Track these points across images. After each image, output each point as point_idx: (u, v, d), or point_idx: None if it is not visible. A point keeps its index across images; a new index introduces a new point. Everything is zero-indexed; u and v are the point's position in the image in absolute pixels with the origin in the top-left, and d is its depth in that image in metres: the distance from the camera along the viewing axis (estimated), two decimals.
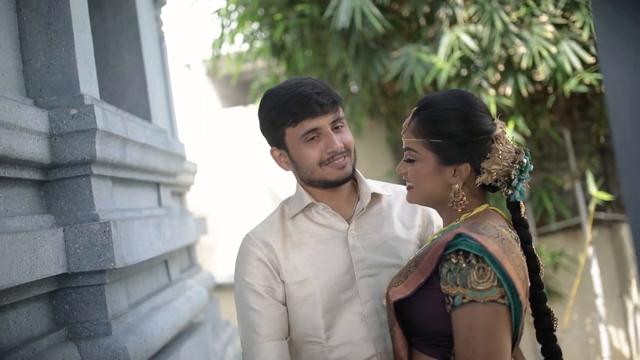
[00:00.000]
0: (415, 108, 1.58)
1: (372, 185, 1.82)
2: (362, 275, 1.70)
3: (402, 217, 1.82)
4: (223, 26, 5.14)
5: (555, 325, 1.57)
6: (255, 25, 5.11)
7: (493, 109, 4.09)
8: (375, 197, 1.80)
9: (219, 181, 6.33)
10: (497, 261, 1.35)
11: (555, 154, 5.16)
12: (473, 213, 1.52)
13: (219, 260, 6.34)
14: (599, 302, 4.68)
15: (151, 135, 2.68)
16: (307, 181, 1.75)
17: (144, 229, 2.33)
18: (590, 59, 3.96)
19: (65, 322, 2.01)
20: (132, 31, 3.01)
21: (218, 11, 5.15)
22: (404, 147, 1.60)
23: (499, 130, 1.52)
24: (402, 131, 1.61)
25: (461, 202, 1.52)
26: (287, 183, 6.16)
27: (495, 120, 1.55)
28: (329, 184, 1.72)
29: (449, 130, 1.49)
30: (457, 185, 1.51)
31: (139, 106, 2.98)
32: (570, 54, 3.88)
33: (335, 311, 1.68)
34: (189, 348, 2.76)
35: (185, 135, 5.63)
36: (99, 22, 3.00)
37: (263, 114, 1.75)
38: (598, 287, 4.68)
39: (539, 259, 1.55)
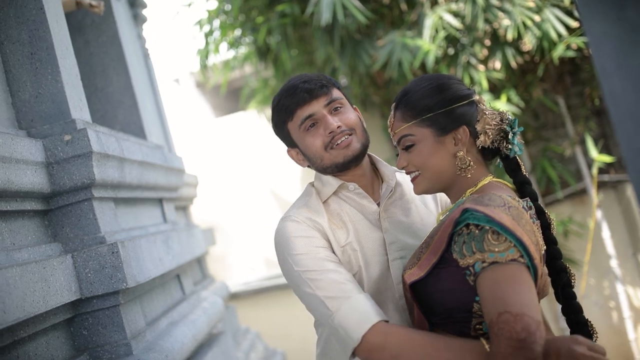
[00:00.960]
0: (394, 104, 1.64)
1: (391, 168, 1.85)
2: (394, 258, 1.71)
3: (424, 201, 1.86)
4: (207, 36, 5.14)
5: (573, 281, 1.59)
6: (239, 32, 5.11)
7: (484, 84, 4.08)
8: (393, 175, 1.82)
9: (222, 191, 6.33)
10: (508, 228, 1.35)
11: (551, 122, 5.15)
12: (477, 187, 1.55)
13: (231, 270, 6.34)
14: (614, 263, 4.67)
15: (148, 152, 2.68)
16: (322, 170, 1.77)
17: (152, 245, 2.34)
18: (574, 24, 3.95)
19: (85, 347, 2.01)
20: (116, 52, 3.01)
21: (199, 22, 5.15)
22: (396, 140, 1.61)
23: (477, 96, 1.60)
24: (390, 129, 1.64)
25: (469, 167, 1.56)
26: (290, 185, 6.15)
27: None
28: (342, 167, 1.73)
29: (434, 102, 1.55)
30: (461, 152, 1.55)
31: (132, 125, 2.99)
32: (554, 21, 3.87)
33: (374, 292, 1.69)
34: (211, 359, 2.76)
35: (181, 149, 5.63)
36: (82, 46, 3.00)
37: (272, 119, 1.82)
38: (611, 249, 4.67)
39: (548, 214, 1.59)
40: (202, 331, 2.73)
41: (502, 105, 4.09)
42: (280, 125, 1.79)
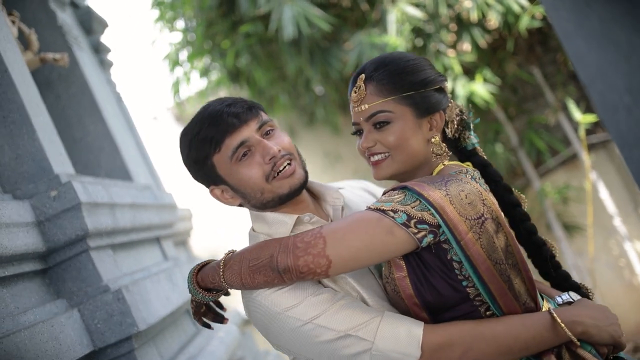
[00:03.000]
0: (360, 75, 1.47)
1: (332, 187, 1.68)
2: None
3: (376, 194, 1.76)
4: (172, 67, 5.14)
5: (555, 251, 1.57)
6: (207, 59, 5.13)
7: (457, 69, 4.10)
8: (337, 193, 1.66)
9: (219, 218, 6.31)
10: (433, 204, 1.30)
11: (530, 93, 5.17)
12: (433, 174, 1.47)
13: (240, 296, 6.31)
14: (617, 222, 4.68)
15: (136, 193, 2.67)
16: (260, 206, 1.53)
17: (157, 285, 2.32)
18: None
19: None
20: (88, 100, 3.01)
21: (168, 56, 5.16)
22: (366, 116, 1.45)
23: (445, 84, 1.54)
24: (356, 103, 1.47)
25: (444, 153, 1.48)
26: None
27: None
28: (286, 198, 1.51)
29: (417, 79, 1.44)
30: (437, 137, 1.47)
31: (117, 169, 2.98)
32: None
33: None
34: None
35: (171, 185, 5.62)
36: (53, 100, 2.99)
37: (185, 156, 1.55)
38: (612, 208, 4.69)
39: (517, 192, 1.56)
40: None
41: (479, 86, 4.11)
42: (202, 161, 1.51)
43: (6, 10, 2.49)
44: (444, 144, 1.49)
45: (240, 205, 1.59)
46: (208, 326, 1.58)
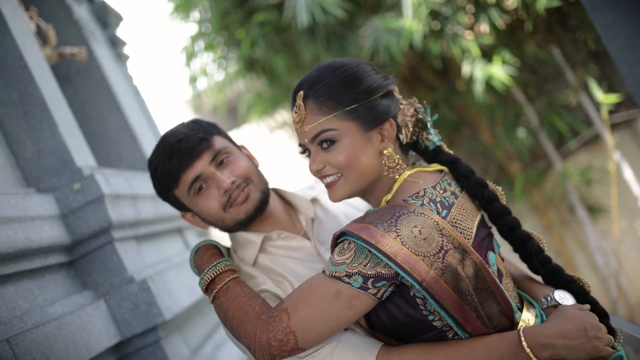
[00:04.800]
0: (298, 92, 1.38)
1: (303, 194, 1.70)
2: None
3: (351, 202, 1.70)
4: (189, 61, 5.14)
5: (543, 245, 1.46)
6: (223, 50, 5.12)
7: (476, 51, 4.05)
8: (314, 201, 1.68)
9: None
10: (385, 253, 1.21)
11: (550, 74, 5.08)
12: (392, 192, 1.38)
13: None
14: None
15: None
16: (227, 230, 1.60)
17: (180, 275, 2.34)
18: None
19: None
20: (106, 94, 3.03)
21: (185, 49, 5.16)
22: (310, 137, 1.36)
23: (393, 85, 1.43)
24: (298, 124, 1.38)
25: (398, 166, 1.37)
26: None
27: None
28: (245, 222, 1.56)
29: (357, 91, 1.34)
30: (389, 149, 1.36)
31: (137, 161, 3.00)
32: None
33: None
34: None
35: None
36: (72, 95, 3.02)
37: (153, 186, 1.63)
38: (637, 189, 4.60)
39: (492, 185, 1.46)
40: None
41: (497, 68, 4.05)
42: (166, 193, 1.59)
43: (24, 6, 2.51)
44: (398, 156, 1.38)
45: (212, 224, 1.62)
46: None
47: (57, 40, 2.67)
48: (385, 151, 1.36)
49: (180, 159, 1.52)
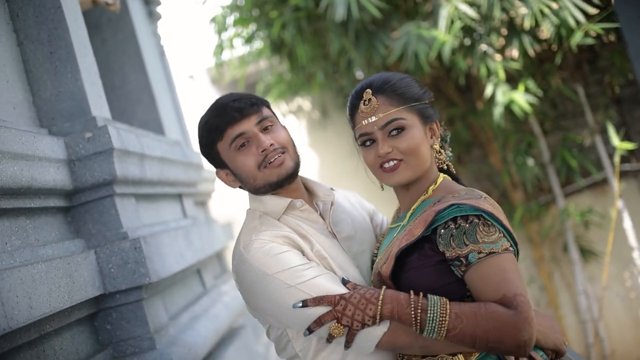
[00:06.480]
0: (366, 90, 1.62)
1: (325, 186, 1.86)
2: (357, 264, 1.74)
3: (359, 209, 1.91)
4: (220, 32, 5.14)
5: None
6: (253, 27, 5.11)
7: (501, 74, 4.04)
8: (328, 191, 1.83)
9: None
10: (494, 216, 1.47)
11: (570, 111, 5.07)
12: (438, 184, 1.63)
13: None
14: (636, 254, 4.61)
15: (167, 148, 2.70)
16: (254, 190, 1.73)
17: (173, 241, 2.35)
18: (593, 11, 3.88)
19: (109, 342, 2.04)
20: (133, 49, 3.03)
21: (214, 19, 5.15)
22: (381, 125, 1.58)
23: None
24: (368, 113, 1.60)
25: (445, 159, 1.67)
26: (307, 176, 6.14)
27: None
28: (276, 185, 1.70)
29: (420, 92, 1.63)
30: (437, 145, 1.65)
31: (151, 122, 3.01)
32: (572, 8, 3.81)
33: None
34: (233, 352, 2.78)
35: (196, 145, 5.65)
36: (99, 44, 3.02)
37: (199, 140, 1.77)
38: (633, 240, 4.61)
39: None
40: (224, 325, 2.75)
41: (519, 95, 4.05)
42: (210, 146, 1.73)
43: None
44: (443, 151, 1.67)
45: (240, 187, 1.78)
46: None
47: None
48: (434, 145, 1.64)
49: (229, 116, 1.67)
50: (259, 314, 1.64)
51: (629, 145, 4.24)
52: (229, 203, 5.70)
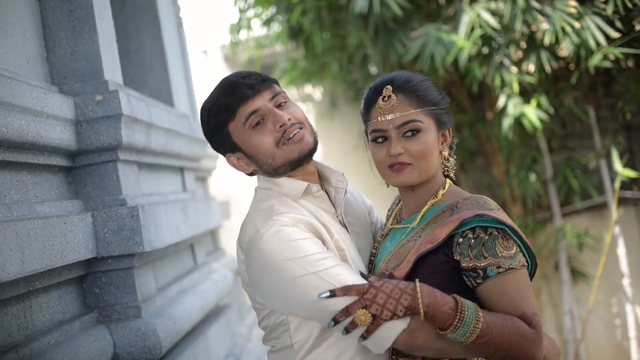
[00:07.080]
0: (387, 86, 1.58)
1: (337, 170, 1.75)
2: (365, 257, 1.70)
3: (361, 204, 1.84)
4: (240, 11, 5.11)
5: None
6: (272, 10, 5.08)
7: (515, 87, 4.03)
8: (341, 177, 1.74)
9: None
10: (515, 230, 1.47)
11: (579, 131, 5.07)
12: (446, 189, 1.63)
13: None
14: (626, 282, 4.62)
15: (174, 120, 2.69)
16: (272, 171, 1.61)
17: (171, 213, 2.35)
18: (615, 34, 3.86)
19: (95, 305, 2.04)
20: (151, 16, 3.01)
21: None
22: (398, 124, 1.53)
23: None
24: (386, 110, 1.55)
25: (452, 166, 1.66)
26: None
27: None
28: (296, 163, 1.59)
29: (439, 97, 1.60)
30: (445, 151, 1.64)
31: (162, 92, 2.99)
32: (595, 30, 3.78)
33: None
34: (216, 330, 2.79)
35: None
36: (118, 7, 3.00)
37: (205, 124, 1.65)
38: (624, 267, 4.62)
39: None
40: (210, 302, 2.76)
41: (530, 109, 4.04)
42: (219, 128, 1.60)
43: None
44: (452, 158, 1.67)
45: (252, 173, 1.68)
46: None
47: None
48: (444, 152, 1.63)
49: (241, 93, 1.56)
50: (267, 300, 1.53)
51: (630, 173, 4.23)
52: (229, 182, 5.70)
